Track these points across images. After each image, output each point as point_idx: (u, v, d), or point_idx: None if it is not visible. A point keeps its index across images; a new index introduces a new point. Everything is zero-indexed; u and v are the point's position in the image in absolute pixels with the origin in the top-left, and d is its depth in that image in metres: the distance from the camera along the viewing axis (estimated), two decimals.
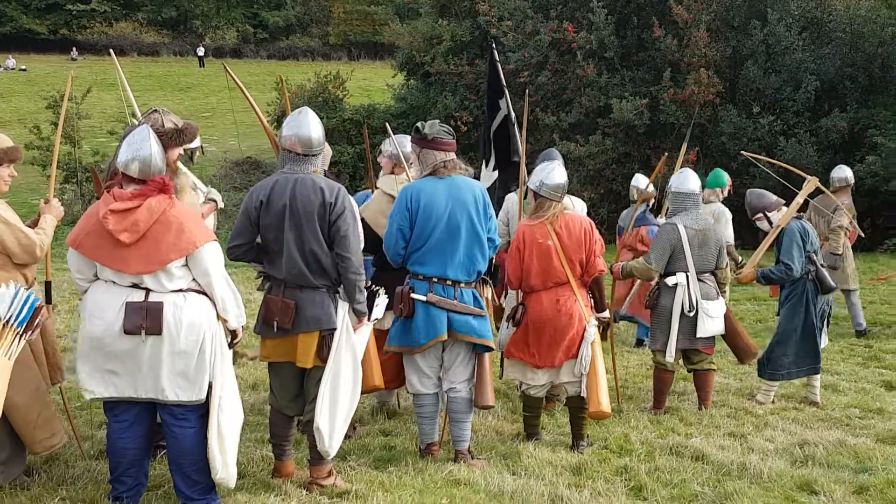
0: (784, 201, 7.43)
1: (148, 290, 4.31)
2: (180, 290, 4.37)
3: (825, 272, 7.18)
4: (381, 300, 5.22)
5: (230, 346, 4.65)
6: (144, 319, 4.25)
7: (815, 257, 7.17)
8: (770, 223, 7.27)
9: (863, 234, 9.92)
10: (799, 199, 7.29)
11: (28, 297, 4.22)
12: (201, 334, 4.37)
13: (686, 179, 6.92)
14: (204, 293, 4.45)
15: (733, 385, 7.77)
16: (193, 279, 4.43)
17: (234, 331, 4.64)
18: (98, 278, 4.40)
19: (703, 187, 8.17)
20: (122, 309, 4.27)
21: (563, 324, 5.77)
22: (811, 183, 7.54)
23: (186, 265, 4.39)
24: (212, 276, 4.42)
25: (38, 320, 4.30)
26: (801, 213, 7.38)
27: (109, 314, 4.28)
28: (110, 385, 4.36)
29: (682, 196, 6.88)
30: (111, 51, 7.39)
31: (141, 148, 4.38)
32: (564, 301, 5.80)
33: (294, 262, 4.79)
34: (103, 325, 4.29)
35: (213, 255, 4.44)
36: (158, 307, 4.28)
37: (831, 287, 7.21)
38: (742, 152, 9.73)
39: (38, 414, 4.76)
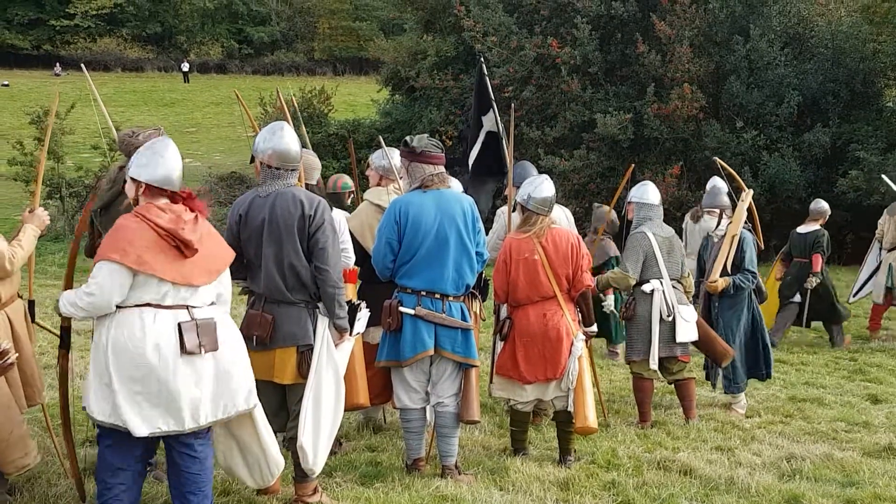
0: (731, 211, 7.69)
1: (189, 308, 4.24)
2: (212, 304, 4.40)
3: (761, 282, 7.72)
4: (363, 314, 5.18)
5: None
6: (199, 337, 4.20)
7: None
8: (718, 223, 7.66)
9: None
10: (742, 209, 7.46)
11: None
12: (241, 342, 4.47)
13: (646, 191, 7.07)
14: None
15: (720, 398, 7.76)
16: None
17: None
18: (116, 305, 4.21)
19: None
20: (174, 331, 4.16)
21: (551, 338, 5.75)
22: (748, 194, 7.65)
23: None
24: (230, 288, 4.54)
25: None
26: (748, 224, 7.65)
27: (163, 340, 4.14)
28: (169, 419, 4.18)
29: (645, 206, 7.01)
30: (82, 66, 7.35)
31: (178, 161, 4.41)
32: (551, 315, 5.78)
33: (271, 277, 4.79)
34: (158, 352, 4.13)
35: None
36: (210, 322, 4.26)
37: (766, 297, 7.94)
38: (715, 159, 9.82)
39: (9, 433, 4.64)
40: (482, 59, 7.62)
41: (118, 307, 4.16)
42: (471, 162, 7.34)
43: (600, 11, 21.23)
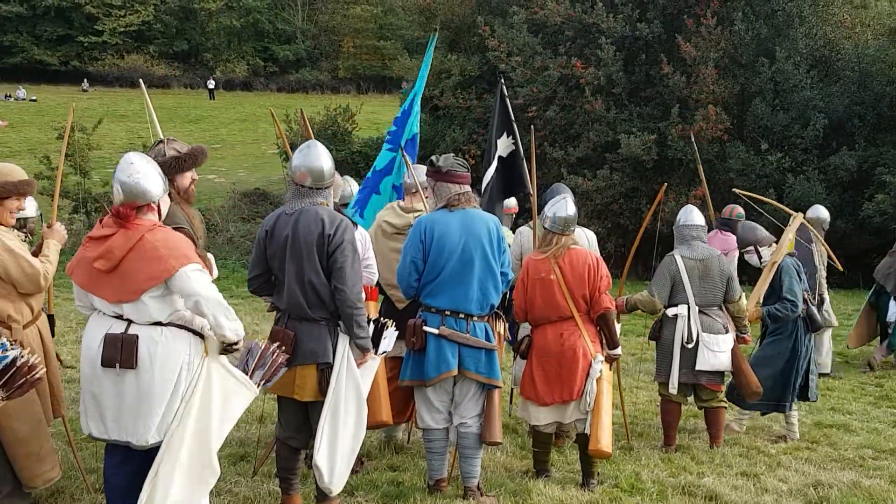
0: (775, 238, 7.48)
1: (129, 322, 4.18)
2: (159, 324, 4.20)
3: (815, 310, 7.36)
4: (390, 333, 5.17)
5: (227, 350, 4.38)
6: (119, 352, 4.12)
7: (807, 295, 7.31)
8: (759, 257, 7.36)
9: (841, 269, 9.95)
10: (789, 235, 7.32)
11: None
12: (175, 373, 4.18)
13: (690, 216, 7.02)
14: (186, 328, 4.26)
15: (745, 424, 7.67)
16: (177, 310, 4.24)
17: (234, 342, 4.35)
18: (94, 308, 4.33)
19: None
20: (101, 340, 4.17)
21: (567, 358, 5.72)
22: (797, 219, 7.55)
23: (166, 294, 4.20)
24: (199, 296, 4.16)
25: (19, 379, 4.09)
26: (794, 252, 7.44)
27: (94, 346, 4.19)
28: (100, 423, 4.24)
29: (684, 228, 6.96)
30: (141, 82, 7.48)
31: (120, 175, 4.26)
32: (568, 336, 5.75)
33: (293, 293, 4.81)
34: (90, 357, 4.21)
35: (194, 277, 4.19)
36: (133, 339, 4.13)
37: (821, 325, 7.45)
38: (734, 189, 9.74)
39: (40, 446, 4.69)
40: (502, 80, 7.58)
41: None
42: (483, 185, 7.28)
43: (625, 32, 21.24)
